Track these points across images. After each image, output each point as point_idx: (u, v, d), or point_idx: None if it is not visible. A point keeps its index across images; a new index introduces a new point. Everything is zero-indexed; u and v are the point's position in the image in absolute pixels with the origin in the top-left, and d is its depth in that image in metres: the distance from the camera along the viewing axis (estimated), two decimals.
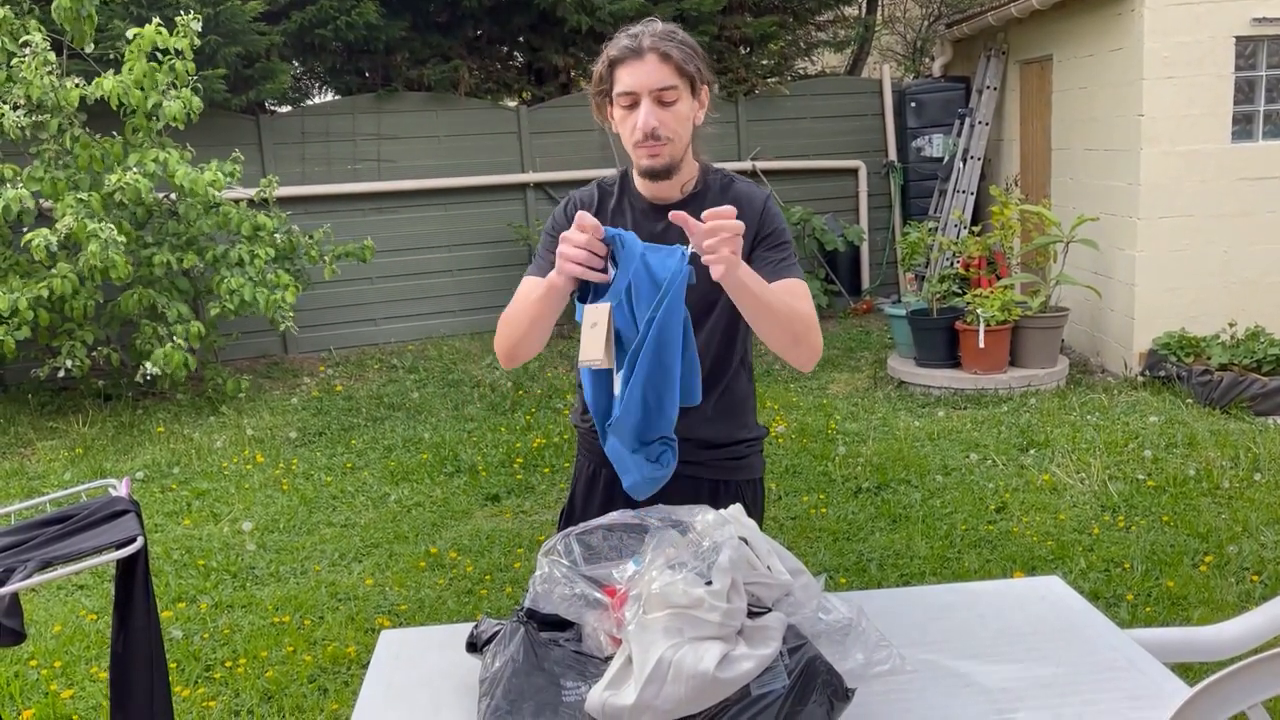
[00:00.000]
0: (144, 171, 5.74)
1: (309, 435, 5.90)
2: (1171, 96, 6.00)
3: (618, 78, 1.84)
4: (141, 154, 5.85)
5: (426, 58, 8.32)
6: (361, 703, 1.73)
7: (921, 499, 4.55)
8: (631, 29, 1.85)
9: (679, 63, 1.82)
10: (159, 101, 5.87)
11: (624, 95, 1.84)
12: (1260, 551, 3.87)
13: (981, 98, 8.19)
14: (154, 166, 5.80)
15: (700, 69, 1.87)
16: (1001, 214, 6.57)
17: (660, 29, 1.84)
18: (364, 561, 4.19)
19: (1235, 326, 6.08)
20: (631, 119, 1.85)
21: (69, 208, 5.51)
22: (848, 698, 1.48)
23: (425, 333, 8.15)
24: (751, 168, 8.62)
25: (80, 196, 5.58)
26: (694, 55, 1.86)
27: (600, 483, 2.07)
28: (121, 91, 5.74)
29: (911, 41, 12.13)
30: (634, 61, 1.81)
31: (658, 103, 1.82)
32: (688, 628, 1.41)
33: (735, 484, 2.05)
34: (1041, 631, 1.84)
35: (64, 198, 5.62)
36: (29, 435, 6.01)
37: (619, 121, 1.88)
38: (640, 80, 1.82)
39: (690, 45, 1.87)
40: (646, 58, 1.81)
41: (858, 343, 7.55)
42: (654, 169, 1.88)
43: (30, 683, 3.31)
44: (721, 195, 1.93)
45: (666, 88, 1.82)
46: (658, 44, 1.81)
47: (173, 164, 5.83)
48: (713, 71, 1.95)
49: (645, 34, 1.83)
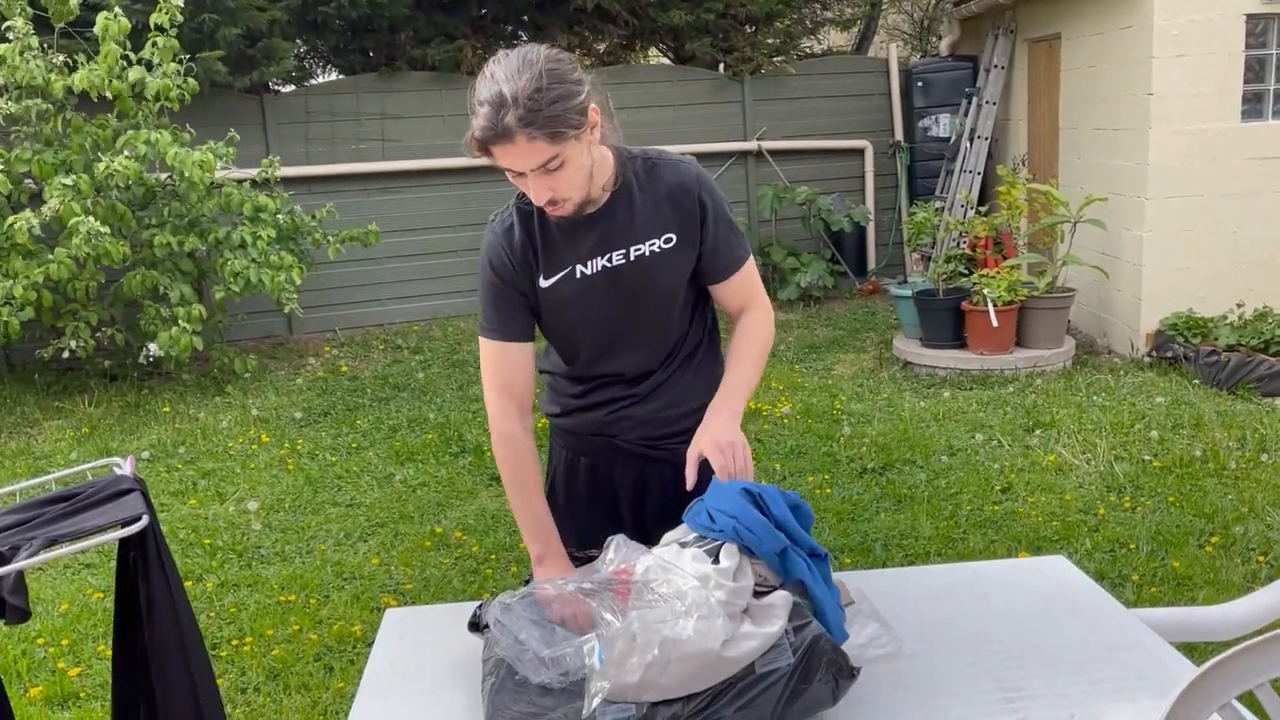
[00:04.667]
0: (135, 154, 5.71)
1: (314, 415, 5.90)
2: (1181, 75, 5.95)
3: (493, 153, 1.64)
4: (132, 135, 5.82)
5: (430, 36, 8.27)
6: (366, 680, 1.74)
7: (927, 479, 4.54)
8: (489, 93, 1.60)
9: (550, 136, 1.60)
10: (143, 78, 5.83)
11: (506, 169, 1.68)
12: (1266, 532, 3.86)
13: (989, 77, 8.13)
14: (145, 148, 5.76)
15: (576, 117, 1.63)
16: (1008, 194, 6.53)
17: (523, 98, 1.57)
18: (369, 541, 4.20)
19: (1243, 307, 6.05)
20: (523, 185, 1.70)
21: (56, 190, 5.49)
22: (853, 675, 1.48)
23: (430, 313, 8.14)
24: (757, 147, 8.58)
25: (66, 182, 5.54)
26: (566, 111, 1.61)
27: (580, 470, 2.03)
28: (99, 82, 5.70)
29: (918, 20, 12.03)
30: (503, 144, 1.61)
31: (544, 173, 1.65)
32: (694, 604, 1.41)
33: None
34: (1048, 611, 1.84)
35: (52, 180, 5.60)
36: (35, 415, 6.02)
37: (512, 180, 1.71)
38: (516, 162, 1.64)
39: (560, 98, 1.60)
40: (516, 140, 1.60)
41: (863, 323, 7.53)
42: (564, 218, 1.79)
43: (38, 660, 3.32)
44: (650, 179, 1.84)
45: (546, 161, 1.63)
46: (522, 124, 1.58)
47: (163, 144, 5.79)
48: (591, 91, 1.69)
49: (507, 112, 1.58)
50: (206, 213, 6.26)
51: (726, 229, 1.89)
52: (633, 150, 1.87)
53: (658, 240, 1.84)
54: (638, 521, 1.97)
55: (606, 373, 1.94)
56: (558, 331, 1.94)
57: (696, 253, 1.88)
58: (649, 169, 1.85)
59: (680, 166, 1.87)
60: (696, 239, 1.86)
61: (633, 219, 1.83)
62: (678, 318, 1.93)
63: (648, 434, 1.94)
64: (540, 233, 1.84)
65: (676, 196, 1.84)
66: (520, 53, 1.65)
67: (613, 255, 1.83)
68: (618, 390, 1.94)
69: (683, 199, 1.84)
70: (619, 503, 2.01)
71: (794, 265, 8.11)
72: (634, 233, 1.83)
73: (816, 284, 8.03)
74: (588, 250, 1.83)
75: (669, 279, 1.87)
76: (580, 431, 1.98)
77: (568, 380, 1.99)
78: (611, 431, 1.95)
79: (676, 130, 8.28)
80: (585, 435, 1.98)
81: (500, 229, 1.87)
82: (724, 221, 1.89)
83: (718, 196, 1.88)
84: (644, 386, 1.93)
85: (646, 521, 1.93)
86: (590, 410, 1.96)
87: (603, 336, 1.90)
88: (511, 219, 1.86)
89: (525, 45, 1.68)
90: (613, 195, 1.82)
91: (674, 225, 1.85)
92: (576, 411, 1.98)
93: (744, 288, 1.94)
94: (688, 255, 1.87)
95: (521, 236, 1.84)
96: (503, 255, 1.85)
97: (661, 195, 1.84)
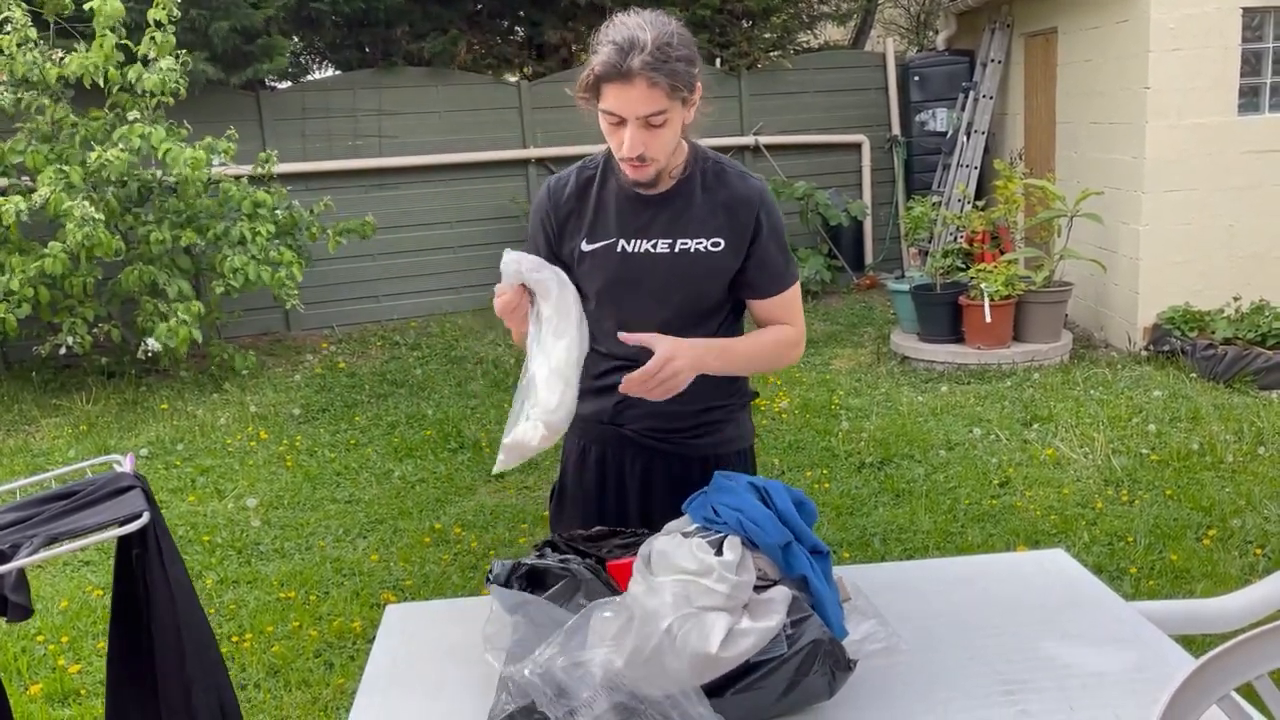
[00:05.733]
0: (129, 148, 5.70)
1: (312, 412, 5.90)
2: (1177, 69, 5.95)
3: (604, 94, 1.68)
4: (127, 130, 5.81)
5: (426, 31, 8.27)
6: (367, 676, 1.74)
7: (925, 474, 4.55)
8: (621, 35, 1.66)
9: (669, 88, 1.66)
10: (139, 75, 5.82)
11: (609, 114, 1.71)
12: (1264, 525, 3.87)
13: (986, 71, 8.13)
14: (139, 142, 5.75)
15: (691, 81, 1.72)
16: (1005, 188, 6.53)
17: (652, 46, 1.64)
18: (368, 537, 4.20)
19: (1240, 300, 6.06)
20: (618, 135, 1.74)
21: (47, 180, 5.48)
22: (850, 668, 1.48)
23: (428, 309, 8.14)
24: (754, 142, 8.57)
25: (63, 168, 5.54)
26: (688, 72, 1.70)
27: (590, 460, 2.05)
28: (93, 69, 5.69)
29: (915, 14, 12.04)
30: (621, 84, 1.65)
31: (645, 126, 1.70)
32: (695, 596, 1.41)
33: (726, 457, 2.02)
34: (1046, 604, 1.84)
35: (45, 170, 5.59)
36: (33, 413, 6.02)
37: (606, 130, 1.77)
38: (627, 106, 1.68)
39: (685, 59, 1.69)
40: (635, 82, 1.64)
41: (861, 318, 7.54)
42: (639, 183, 1.82)
43: (38, 658, 3.33)
44: (716, 182, 1.87)
45: (655, 113, 1.68)
46: (648, 69, 1.63)
47: (155, 139, 5.77)
48: (703, 61, 1.79)
49: (635, 54, 1.63)
50: (203, 209, 6.25)
51: (777, 251, 1.91)
52: (708, 151, 1.92)
53: (705, 241, 1.86)
54: (645, 513, 1.98)
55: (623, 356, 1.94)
56: (587, 298, 1.94)
57: (740, 265, 1.89)
58: (718, 172, 1.89)
59: (748, 180, 1.91)
60: (744, 252, 1.88)
61: (688, 213, 1.86)
62: (704, 319, 1.93)
63: (656, 426, 1.96)
64: (595, 199, 1.89)
65: (735, 207, 1.86)
66: (652, 12, 1.72)
67: (658, 241, 1.86)
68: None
69: (741, 210, 1.87)
70: (627, 494, 2.02)
71: None
72: (686, 226, 1.86)
73: (814, 279, 8.04)
74: (635, 229, 1.86)
75: (706, 280, 1.88)
76: (591, 418, 1.98)
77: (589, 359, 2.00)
78: (621, 420, 1.96)
79: None
80: (596, 423, 1.99)
81: (554, 183, 1.94)
82: (776, 243, 1.90)
83: (776, 218, 1.91)
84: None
85: (654, 514, 1.94)
86: (601, 395, 1.97)
87: (628, 314, 1.90)
88: (569, 179, 1.92)
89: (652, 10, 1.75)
90: (676, 185, 1.87)
91: (725, 232, 1.87)
92: (588, 396, 1.98)
93: (783, 310, 1.95)
94: (730, 263, 1.88)
95: (573, 194, 1.90)
96: (548, 210, 1.91)
97: (721, 201, 1.87)
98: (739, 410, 2.05)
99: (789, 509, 1.57)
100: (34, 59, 5.64)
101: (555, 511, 2.14)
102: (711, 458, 1.99)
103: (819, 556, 1.58)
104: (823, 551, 1.59)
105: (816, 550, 1.58)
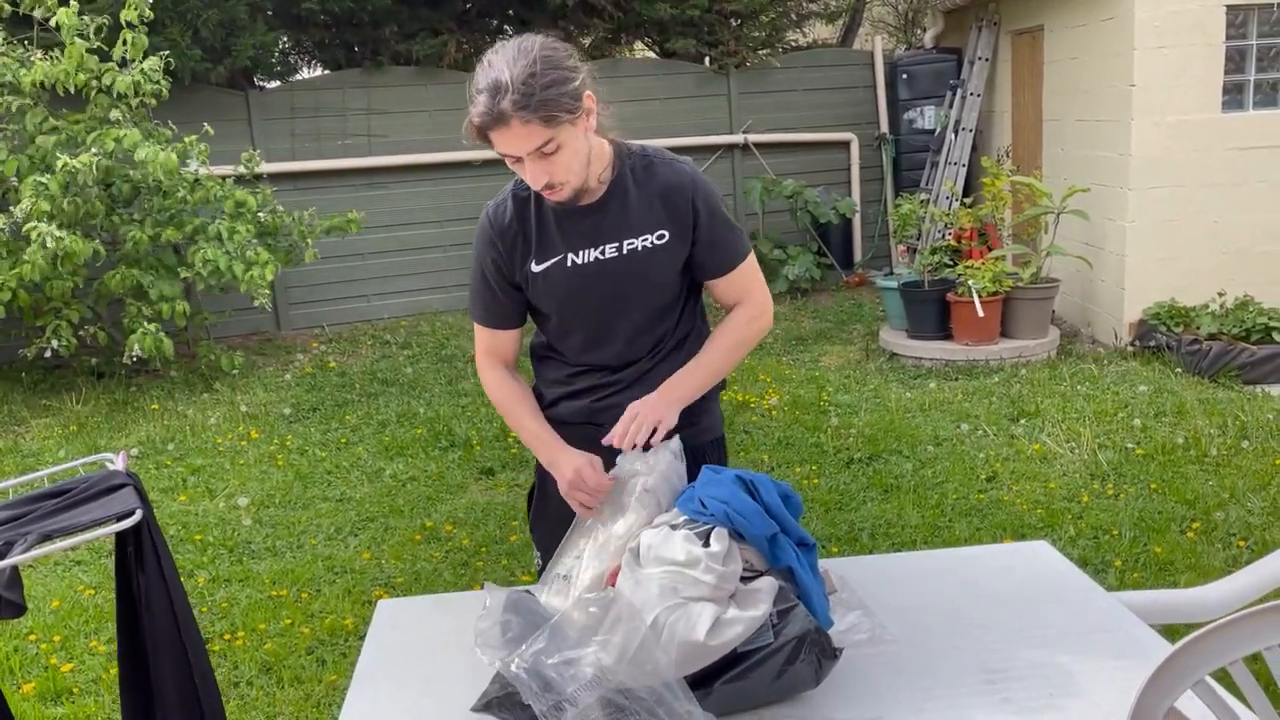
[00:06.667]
0: (104, 150, 5.68)
1: (303, 411, 5.91)
2: (1163, 66, 6.00)
3: (490, 139, 1.68)
4: (102, 133, 5.79)
5: (415, 31, 8.26)
6: (359, 671, 1.76)
7: (913, 469, 4.58)
8: (487, 80, 1.64)
9: (544, 120, 1.65)
10: (113, 78, 5.80)
11: (503, 155, 1.73)
12: (1247, 518, 3.91)
13: (973, 69, 8.17)
14: (113, 146, 5.73)
15: (570, 102, 1.67)
16: (993, 185, 6.57)
17: (517, 84, 1.62)
18: (360, 535, 4.22)
19: (1224, 296, 6.11)
20: (522, 170, 1.74)
21: (29, 190, 5.46)
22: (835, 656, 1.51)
23: (418, 308, 8.14)
24: (743, 141, 8.60)
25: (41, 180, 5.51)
26: (559, 96, 1.66)
27: None
28: (63, 76, 5.67)
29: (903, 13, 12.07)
30: (499, 129, 1.65)
31: (540, 157, 1.70)
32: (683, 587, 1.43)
33: (699, 447, 2.03)
34: (1030, 595, 1.87)
35: (25, 180, 5.57)
36: (22, 414, 6.01)
37: (510, 166, 1.76)
38: (512, 146, 1.68)
39: (555, 82, 1.65)
40: (511, 125, 1.64)
41: (850, 315, 7.57)
42: (560, 204, 1.83)
43: (30, 657, 3.33)
44: (646, 176, 1.88)
45: (542, 145, 1.68)
46: (517, 109, 1.62)
47: (129, 141, 5.75)
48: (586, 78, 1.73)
49: (503, 98, 1.62)
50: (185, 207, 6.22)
51: (723, 228, 1.92)
52: (632, 146, 1.91)
53: (650, 236, 1.88)
54: None
55: (594, 362, 1.98)
56: (548, 316, 1.98)
57: (688, 251, 1.91)
58: (646, 165, 1.89)
59: (676, 166, 1.91)
60: (689, 238, 1.90)
61: (627, 213, 1.87)
62: (667, 310, 1.96)
63: None
64: (535, 218, 1.89)
65: (670, 195, 1.87)
66: (516, 41, 1.70)
67: (605, 247, 1.87)
68: (603, 378, 1.98)
69: (676, 198, 1.88)
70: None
71: (781, 258, 8.14)
72: (628, 227, 1.87)
73: (804, 276, 8.07)
74: (580, 240, 1.87)
75: (659, 274, 1.91)
76: (569, 421, 2.00)
77: (557, 365, 2.03)
78: (599, 420, 1.97)
79: (662, 124, 8.29)
80: (573, 425, 2.00)
81: (493, 213, 1.93)
82: (720, 221, 1.92)
83: (713, 197, 1.91)
84: (629, 373, 1.97)
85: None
86: (577, 398, 2.00)
87: (591, 325, 1.94)
88: (506, 204, 1.91)
89: (520, 35, 1.73)
90: (609, 188, 1.87)
91: (667, 223, 1.88)
92: (565, 399, 2.01)
93: (739, 284, 1.97)
94: (679, 252, 1.90)
95: (513, 221, 1.90)
96: (492, 238, 1.91)
97: (655, 193, 1.88)
98: (712, 400, 2.07)
99: (775, 502, 1.60)
100: (5, 62, 5.62)
101: (536, 511, 2.14)
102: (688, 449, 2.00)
103: (805, 548, 1.60)
104: (809, 544, 1.62)
105: (803, 542, 1.61)
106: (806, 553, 1.61)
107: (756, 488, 1.61)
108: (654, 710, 1.37)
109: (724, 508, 1.56)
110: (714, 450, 2.08)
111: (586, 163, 1.78)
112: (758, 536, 1.54)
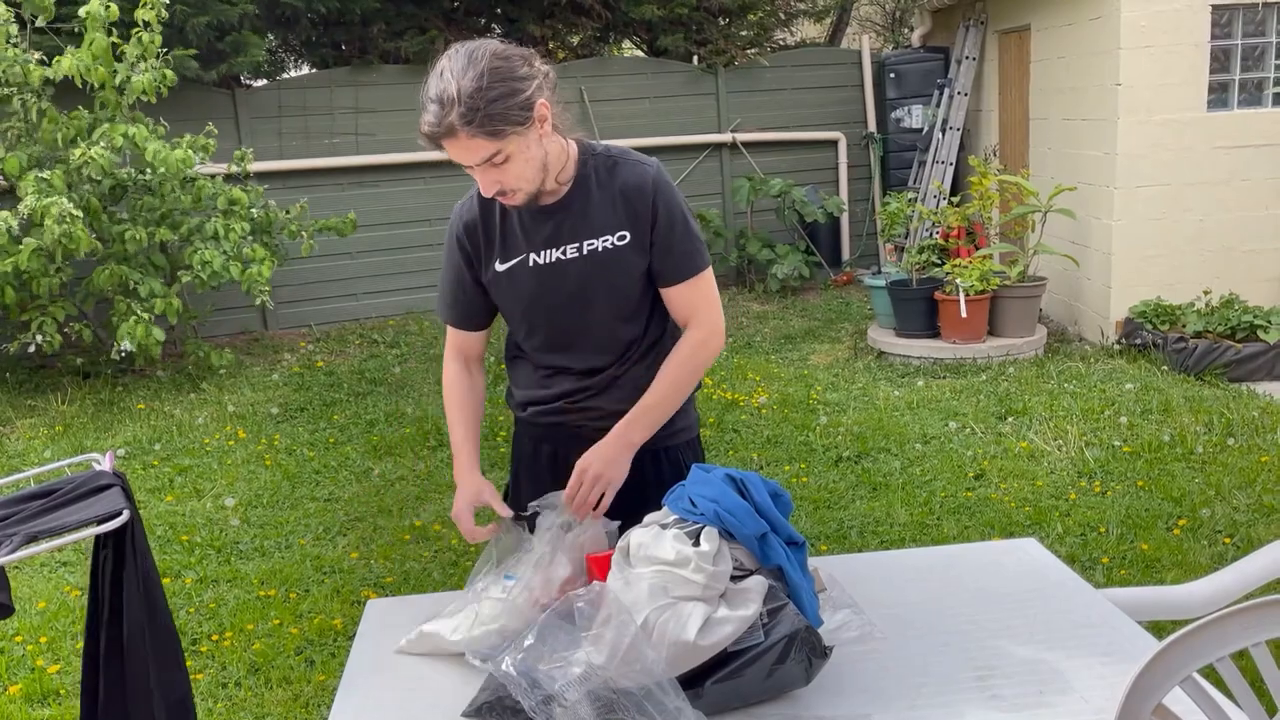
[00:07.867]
0: (111, 146, 5.66)
1: (291, 411, 5.89)
2: (1149, 66, 6.03)
3: (443, 146, 1.69)
4: (109, 129, 5.77)
5: (403, 29, 8.24)
6: (348, 670, 1.76)
7: (901, 467, 4.60)
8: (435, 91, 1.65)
9: (490, 133, 1.65)
10: (128, 76, 5.79)
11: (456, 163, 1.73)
12: (1232, 515, 3.94)
13: (960, 68, 8.19)
14: (121, 141, 5.72)
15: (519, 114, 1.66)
16: (980, 184, 6.59)
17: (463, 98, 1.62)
18: (348, 535, 4.21)
19: (1210, 294, 6.14)
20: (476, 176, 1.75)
21: (30, 186, 5.44)
22: (826, 655, 1.51)
23: (406, 307, 8.12)
24: (731, 139, 8.60)
25: (42, 175, 5.49)
26: (507, 109, 1.65)
27: (543, 458, 2.06)
28: (84, 69, 5.65)
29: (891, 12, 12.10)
30: (448, 140, 1.66)
31: (490, 166, 1.70)
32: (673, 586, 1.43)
33: (674, 449, 2.03)
34: (1018, 592, 1.88)
35: (26, 177, 5.55)
36: (7, 413, 5.97)
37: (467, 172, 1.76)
38: (462, 157, 1.69)
39: (501, 95, 1.64)
40: (458, 137, 1.65)
41: (838, 314, 7.59)
42: (519, 208, 1.84)
43: (16, 658, 3.31)
44: (609, 176, 1.86)
45: (489, 157, 1.68)
46: (463, 123, 1.63)
47: (139, 139, 5.74)
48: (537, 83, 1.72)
49: (450, 111, 1.62)
50: (180, 206, 6.20)
51: (683, 235, 1.88)
52: (597, 146, 1.89)
53: (611, 237, 1.87)
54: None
55: (560, 364, 1.98)
56: (514, 316, 1.98)
57: (648, 253, 1.89)
58: (610, 166, 1.88)
59: (639, 167, 1.88)
60: (647, 240, 1.88)
61: (588, 213, 1.86)
62: (632, 314, 1.94)
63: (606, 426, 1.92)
64: (499, 219, 1.90)
65: (630, 196, 1.86)
66: (468, 49, 1.68)
67: (567, 247, 1.87)
68: (574, 382, 1.97)
69: (636, 199, 1.86)
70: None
71: (770, 257, 8.15)
72: (589, 227, 1.86)
73: (792, 275, 8.08)
74: (543, 240, 1.87)
75: (620, 275, 1.89)
76: (542, 420, 2.01)
77: (527, 368, 2.03)
78: (575, 422, 1.98)
79: (651, 123, 8.29)
80: (546, 424, 2.01)
81: (460, 210, 1.95)
82: (680, 227, 1.88)
83: (675, 201, 1.88)
84: (601, 379, 1.95)
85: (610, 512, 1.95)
86: (551, 401, 2.00)
87: (555, 325, 1.94)
88: (472, 204, 1.93)
89: (476, 41, 1.71)
90: (571, 188, 1.86)
91: (627, 224, 1.87)
92: (538, 401, 2.01)
93: (691, 299, 1.91)
94: (639, 253, 1.88)
95: (477, 221, 1.91)
96: (459, 238, 1.93)
97: (617, 192, 1.86)
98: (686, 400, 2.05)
99: (765, 501, 1.60)
100: (14, 56, 5.59)
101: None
102: (662, 450, 2.00)
103: (795, 547, 1.61)
104: (798, 542, 1.62)
105: (792, 541, 1.61)
106: (796, 551, 1.61)
107: (746, 486, 1.61)
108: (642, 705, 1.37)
109: (714, 507, 1.56)
110: (690, 450, 2.07)
111: (541, 168, 1.76)
112: (748, 535, 1.54)
